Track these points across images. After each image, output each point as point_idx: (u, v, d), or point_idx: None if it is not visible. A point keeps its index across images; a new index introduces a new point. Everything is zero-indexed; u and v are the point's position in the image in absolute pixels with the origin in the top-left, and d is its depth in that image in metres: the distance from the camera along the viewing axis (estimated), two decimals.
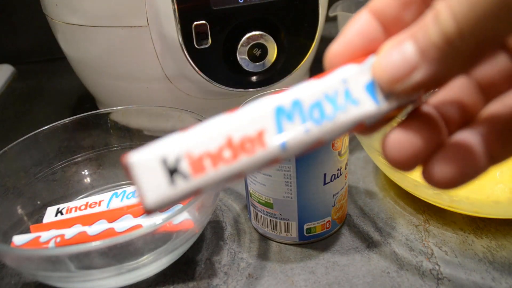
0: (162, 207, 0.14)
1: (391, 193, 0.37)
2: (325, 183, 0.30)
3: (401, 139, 0.15)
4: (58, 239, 0.28)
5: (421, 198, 0.35)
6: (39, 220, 0.33)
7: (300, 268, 0.31)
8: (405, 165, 0.15)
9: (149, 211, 0.14)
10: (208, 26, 0.36)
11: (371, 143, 0.35)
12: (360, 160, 0.42)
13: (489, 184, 0.32)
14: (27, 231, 0.32)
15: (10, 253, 0.25)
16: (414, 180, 0.33)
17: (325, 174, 0.30)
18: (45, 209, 0.33)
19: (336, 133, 0.15)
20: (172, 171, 0.14)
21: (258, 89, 0.41)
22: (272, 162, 0.15)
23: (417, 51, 0.13)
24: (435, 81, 0.14)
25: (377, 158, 0.35)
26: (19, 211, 0.33)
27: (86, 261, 0.24)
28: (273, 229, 0.32)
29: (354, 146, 0.44)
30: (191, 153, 0.14)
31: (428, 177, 0.15)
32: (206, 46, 0.37)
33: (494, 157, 0.16)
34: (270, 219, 0.32)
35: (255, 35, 0.38)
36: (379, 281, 0.29)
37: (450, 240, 0.32)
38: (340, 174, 0.31)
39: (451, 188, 0.15)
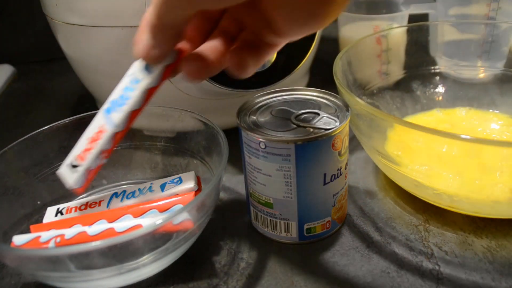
0: (78, 184, 0.27)
1: (391, 193, 0.37)
2: (325, 183, 0.30)
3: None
4: (58, 239, 0.28)
5: (421, 198, 0.35)
6: (39, 220, 0.33)
7: (300, 268, 0.31)
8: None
9: (74, 190, 0.28)
10: None
11: (371, 143, 0.35)
12: (360, 160, 0.42)
13: (489, 184, 0.32)
14: (27, 231, 0.32)
15: (10, 253, 0.25)
16: (414, 180, 0.33)
17: (325, 174, 0.30)
18: (45, 209, 0.33)
19: (138, 102, 0.26)
20: (74, 166, 0.27)
21: (258, 89, 0.41)
22: (114, 137, 0.27)
23: (150, 35, 0.24)
24: (166, 45, 0.25)
25: (377, 158, 0.35)
26: (19, 211, 0.33)
27: (86, 261, 0.24)
28: (273, 229, 0.32)
29: (354, 146, 0.44)
30: (78, 154, 0.27)
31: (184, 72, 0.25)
32: None
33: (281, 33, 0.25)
34: (270, 219, 0.32)
35: None
36: (379, 281, 0.29)
37: (450, 240, 0.32)
38: (340, 174, 0.31)
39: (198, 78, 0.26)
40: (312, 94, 0.33)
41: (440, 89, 0.46)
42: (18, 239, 0.28)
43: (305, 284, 0.29)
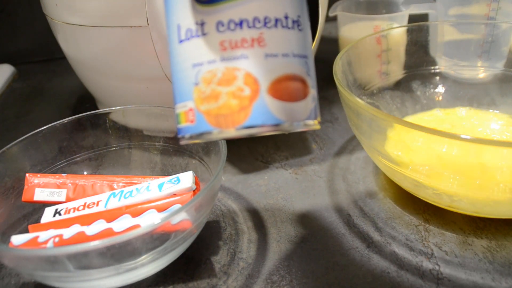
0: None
1: (391, 193, 0.37)
2: (180, 41, 0.21)
3: None
4: (57, 239, 0.28)
5: (421, 198, 0.35)
6: (38, 220, 0.33)
7: (300, 268, 0.31)
8: None
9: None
10: None
11: (371, 143, 0.35)
12: (360, 160, 0.42)
13: (489, 184, 0.32)
14: (26, 231, 0.32)
15: (8, 253, 0.25)
16: (414, 180, 0.33)
17: (179, 26, 0.21)
18: (44, 210, 0.33)
19: None
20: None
21: None
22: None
23: None
24: None
25: (377, 158, 0.35)
26: (18, 211, 0.33)
27: (84, 261, 0.24)
28: None
29: (354, 146, 0.44)
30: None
31: None
32: None
33: None
34: None
35: None
36: (379, 281, 0.29)
37: (450, 240, 0.32)
38: (204, 34, 0.20)
39: None
40: None
41: (440, 89, 0.46)
42: (17, 239, 0.28)
43: (304, 284, 0.29)
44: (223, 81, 0.20)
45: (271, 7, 0.20)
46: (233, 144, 0.44)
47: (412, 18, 0.54)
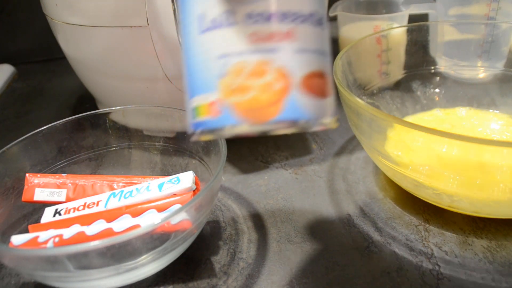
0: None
1: (391, 193, 0.37)
2: (202, 31, 0.19)
3: None
4: (57, 239, 0.28)
5: (421, 198, 0.35)
6: (38, 220, 0.33)
7: (300, 268, 0.31)
8: None
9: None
10: None
11: (371, 143, 0.35)
12: (360, 160, 0.42)
13: (489, 184, 0.32)
14: (26, 231, 0.32)
15: (8, 253, 0.25)
16: (414, 180, 0.33)
17: (202, 16, 0.19)
18: (44, 209, 0.33)
19: None
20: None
21: None
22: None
23: None
24: None
25: (377, 158, 0.35)
26: (18, 211, 0.33)
27: (84, 261, 0.24)
28: None
29: (354, 146, 0.44)
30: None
31: None
32: None
33: None
34: None
35: None
36: (379, 281, 0.29)
37: (450, 240, 0.32)
38: (232, 24, 0.19)
39: None
40: None
41: (440, 89, 0.46)
42: (17, 239, 0.28)
43: (304, 284, 0.29)
44: (253, 73, 0.19)
45: (301, 3, 0.20)
46: (233, 144, 0.44)
47: (412, 18, 0.54)
